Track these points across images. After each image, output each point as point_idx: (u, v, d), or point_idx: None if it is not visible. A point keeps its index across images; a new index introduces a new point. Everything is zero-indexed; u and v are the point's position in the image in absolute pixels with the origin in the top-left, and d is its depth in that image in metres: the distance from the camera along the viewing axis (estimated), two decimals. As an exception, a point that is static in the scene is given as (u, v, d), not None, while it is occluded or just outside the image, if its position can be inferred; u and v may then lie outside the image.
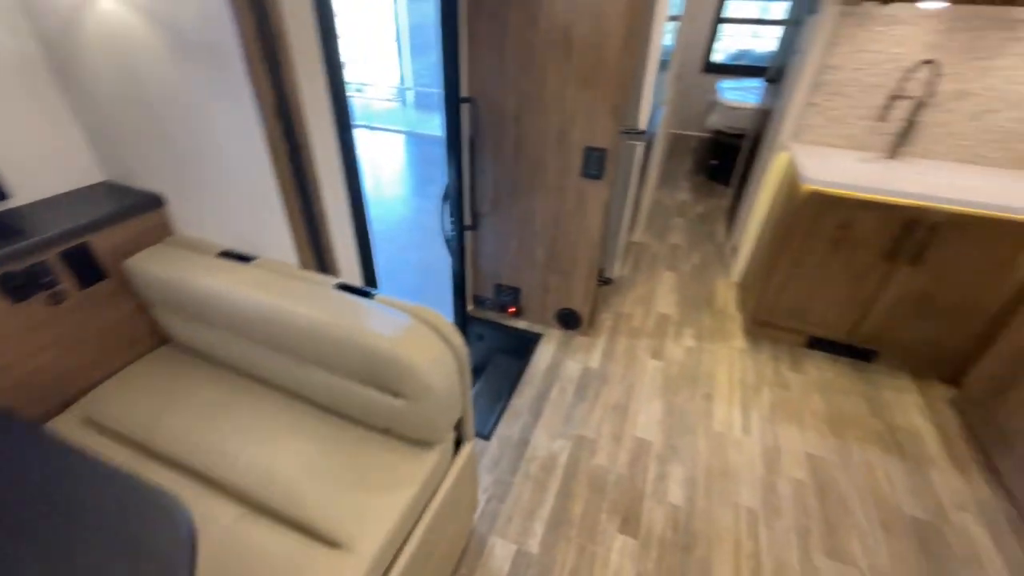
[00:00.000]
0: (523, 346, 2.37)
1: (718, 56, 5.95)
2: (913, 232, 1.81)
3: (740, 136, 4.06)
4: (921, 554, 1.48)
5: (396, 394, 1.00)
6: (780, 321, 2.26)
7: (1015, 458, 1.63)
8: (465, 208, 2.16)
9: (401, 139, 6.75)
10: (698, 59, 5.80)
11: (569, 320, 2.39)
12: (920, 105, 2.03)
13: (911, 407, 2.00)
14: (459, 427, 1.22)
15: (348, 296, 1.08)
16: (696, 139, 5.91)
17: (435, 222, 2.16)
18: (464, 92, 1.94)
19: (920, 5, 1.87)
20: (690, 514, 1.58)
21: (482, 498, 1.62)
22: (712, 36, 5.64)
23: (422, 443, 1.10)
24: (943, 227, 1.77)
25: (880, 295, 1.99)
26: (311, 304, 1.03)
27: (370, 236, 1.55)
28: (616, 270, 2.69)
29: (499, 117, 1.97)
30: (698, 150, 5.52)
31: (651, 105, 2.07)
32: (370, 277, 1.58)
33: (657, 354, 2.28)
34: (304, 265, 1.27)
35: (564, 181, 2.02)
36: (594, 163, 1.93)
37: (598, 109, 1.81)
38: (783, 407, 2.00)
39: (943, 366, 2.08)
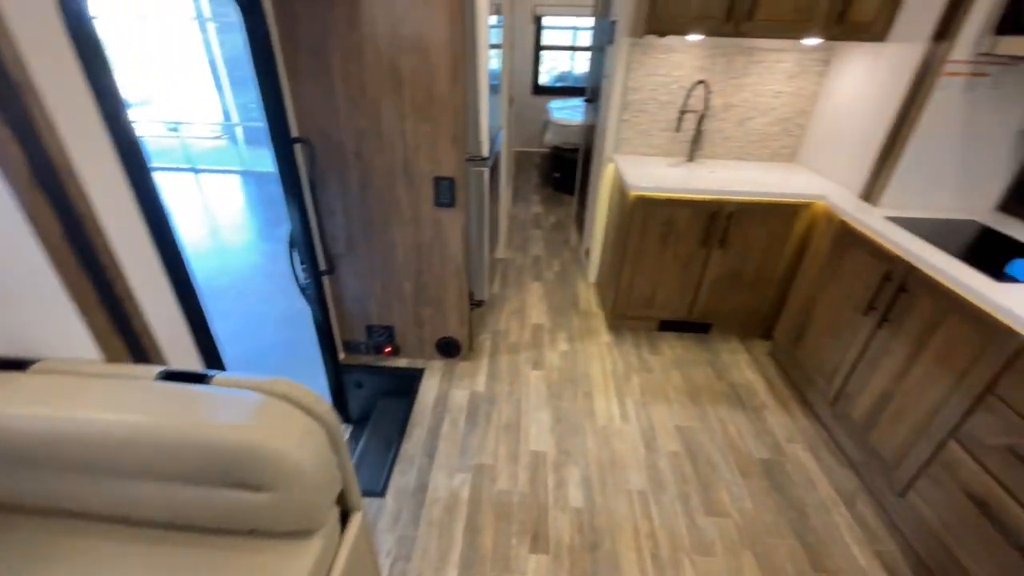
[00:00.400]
0: (406, 385, 2.27)
1: (545, 79, 6.54)
2: (716, 221, 2.18)
3: (575, 150, 4.49)
4: (772, 489, 1.76)
5: (257, 488, 0.86)
6: (634, 312, 2.53)
7: (816, 390, 2.05)
8: (318, 252, 2.01)
9: (237, 179, 6.06)
10: (528, 83, 6.30)
11: (449, 348, 2.36)
12: (702, 116, 2.46)
13: (743, 364, 2.39)
14: (343, 499, 1.10)
15: (177, 386, 0.90)
16: (539, 155, 6.38)
17: (290, 268, 1.97)
18: (296, 131, 1.81)
19: (687, 38, 2.28)
20: (591, 513, 1.65)
21: (385, 563, 1.49)
22: (536, 62, 6.18)
23: (299, 533, 0.96)
24: (736, 214, 2.17)
25: (704, 276, 2.35)
26: (124, 406, 0.84)
27: (202, 304, 1.33)
28: (486, 290, 2.74)
29: (339, 154, 1.88)
30: (541, 165, 5.96)
31: (490, 130, 2.17)
32: (210, 353, 1.36)
33: (538, 364, 2.38)
34: (113, 358, 1.04)
35: (419, 213, 2.00)
36: (445, 192, 1.94)
37: (439, 140, 1.83)
38: (651, 389, 2.23)
39: (759, 326, 2.53)
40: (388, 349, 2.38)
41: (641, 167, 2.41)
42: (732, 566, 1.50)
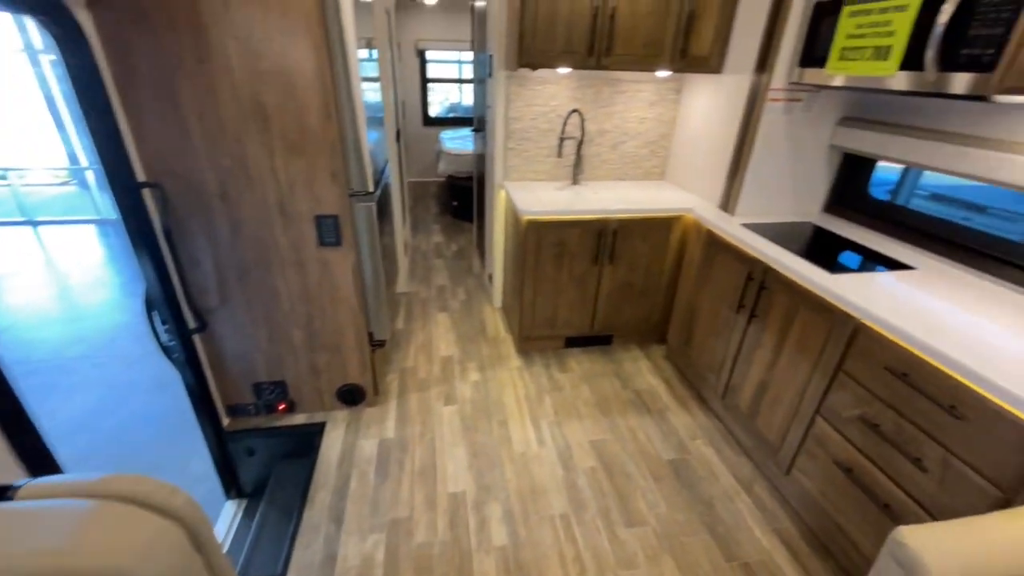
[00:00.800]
0: (306, 443, 2.05)
1: (438, 110, 6.60)
2: (603, 239, 2.31)
3: (470, 178, 4.55)
4: (682, 487, 1.85)
5: (88, 622, 0.68)
6: (540, 332, 2.57)
7: (708, 386, 2.22)
8: (183, 309, 1.76)
9: (92, 230, 5.24)
10: (418, 115, 6.31)
11: (352, 396, 2.19)
12: (580, 142, 2.62)
13: (644, 370, 2.53)
14: (220, 603, 0.93)
15: (-39, 511, 0.70)
16: (435, 184, 6.37)
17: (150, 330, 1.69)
18: (143, 175, 1.59)
19: (558, 71, 2.43)
20: (516, 548, 1.60)
21: (290, 660, 1.29)
22: (424, 94, 6.23)
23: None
24: (620, 231, 2.31)
25: (599, 291, 2.47)
26: None
27: (16, 394, 1.08)
28: (388, 328, 2.61)
29: (201, 197, 1.68)
30: (439, 194, 5.95)
31: (376, 164, 2.10)
32: (34, 453, 1.10)
33: (450, 399, 2.29)
34: None
35: (302, 254, 1.85)
36: (329, 230, 1.83)
37: (318, 176, 1.73)
38: (563, 407, 2.25)
39: (654, 331, 2.70)
40: (282, 406, 2.15)
41: (530, 192, 2.49)
42: (654, 574, 1.53)
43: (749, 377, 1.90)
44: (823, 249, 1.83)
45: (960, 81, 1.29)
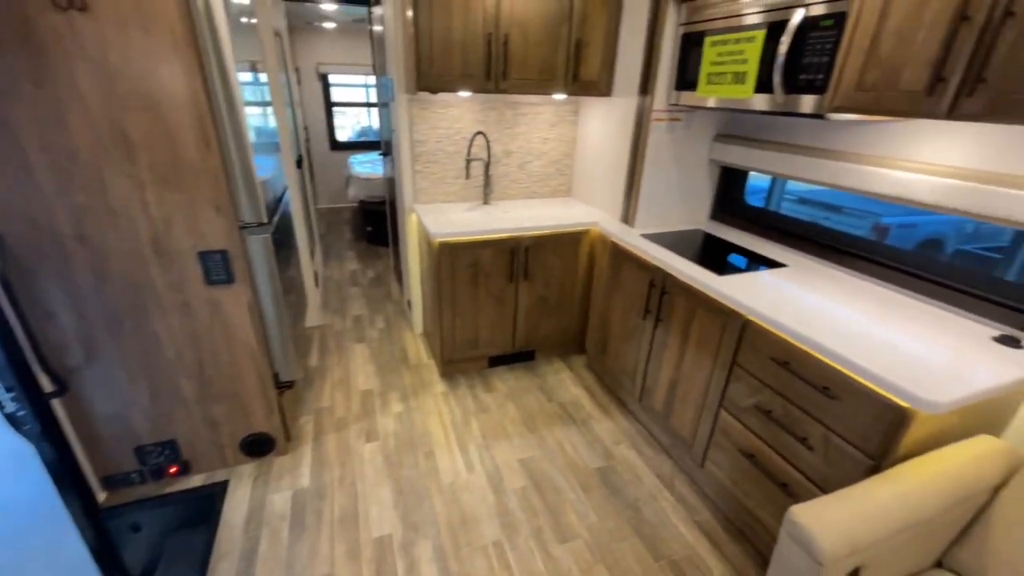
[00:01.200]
0: (206, 508, 1.82)
1: (344, 134, 6.39)
2: (516, 256, 2.34)
3: (383, 202, 4.44)
4: (610, 494, 1.88)
5: None
6: (463, 354, 2.53)
7: (626, 391, 2.31)
8: (36, 370, 1.49)
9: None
10: (325, 140, 6.07)
11: (259, 446, 1.99)
12: (487, 163, 2.66)
13: (567, 382, 2.58)
14: None
15: None
16: (348, 210, 6.14)
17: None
18: (-31, 218, 1.35)
19: (459, 94, 2.46)
20: (449, 585, 1.52)
21: None
22: (329, 118, 6.01)
23: None
24: (532, 248, 2.36)
25: (517, 308, 2.49)
26: None
27: None
28: (296, 367, 2.42)
29: (51, 240, 1.45)
30: (353, 220, 5.73)
31: (271, 192, 1.96)
32: None
33: (371, 435, 2.17)
34: None
35: (186, 295, 1.66)
36: (217, 267, 1.66)
37: (199, 209, 1.57)
38: (490, 429, 2.22)
39: (573, 343, 2.77)
40: (173, 469, 1.89)
41: (441, 214, 2.47)
42: (589, 586, 1.53)
43: (660, 378, 2.01)
44: (712, 253, 2.00)
45: (802, 102, 1.48)
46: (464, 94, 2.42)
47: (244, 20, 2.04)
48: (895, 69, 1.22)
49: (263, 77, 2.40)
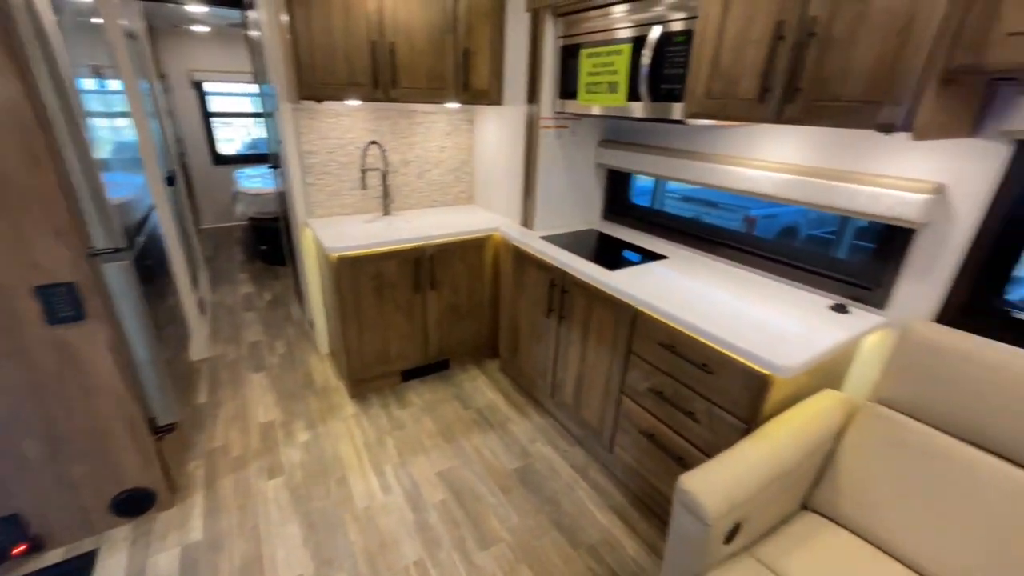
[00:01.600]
0: (67, 586, 1.55)
1: (232, 147, 5.86)
2: (421, 266, 2.31)
3: (276, 219, 4.13)
4: (529, 492, 1.92)
5: None
6: (373, 371, 2.43)
7: (539, 389, 2.37)
8: None
9: None
10: (205, 153, 5.53)
11: (135, 504, 1.74)
12: (385, 173, 2.60)
13: (483, 387, 2.59)
14: None
15: None
16: (239, 229, 5.64)
17: None
18: None
19: (348, 103, 2.38)
20: (368, 616, 1.45)
21: None
22: (208, 130, 5.49)
23: None
24: (436, 256, 2.34)
25: (427, 318, 2.45)
26: None
27: None
28: (177, 407, 2.17)
29: None
30: (244, 239, 5.28)
31: (131, 212, 1.74)
32: None
33: (274, 471, 2.00)
34: None
35: (22, 339, 1.41)
36: (63, 303, 1.43)
37: (32, 237, 1.34)
38: (407, 445, 2.15)
39: (487, 347, 2.79)
40: (20, 548, 1.59)
41: (339, 227, 2.36)
42: (513, 588, 1.54)
43: (569, 373, 2.09)
44: (604, 251, 2.13)
45: (666, 109, 1.63)
46: (353, 103, 2.34)
47: (84, 20, 1.79)
48: (734, 80, 1.40)
49: (114, 84, 2.13)
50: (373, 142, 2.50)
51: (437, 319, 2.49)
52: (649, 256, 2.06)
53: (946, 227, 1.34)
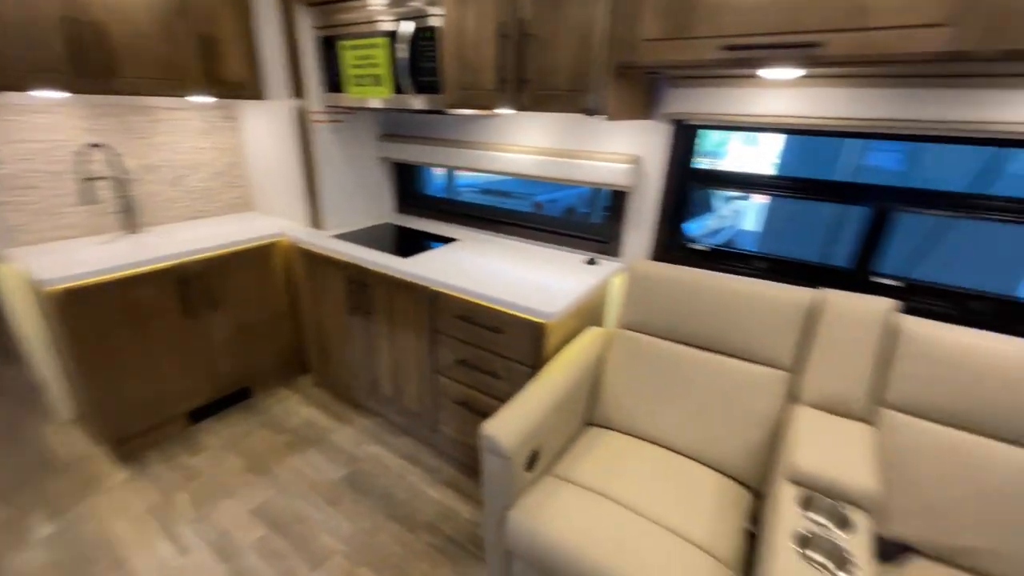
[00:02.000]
0: None
1: None
2: (188, 286, 1.99)
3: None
4: (361, 496, 1.85)
5: None
6: (145, 423, 2.00)
7: (358, 391, 2.30)
8: None
9: None
10: None
11: None
12: (121, 182, 2.14)
13: (295, 407, 2.38)
14: None
15: None
16: None
17: None
18: None
19: (45, 96, 1.87)
20: None
21: None
22: None
23: None
24: (208, 272, 2.04)
25: (211, 344, 2.13)
26: None
27: None
28: None
29: None
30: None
31: None
32: None
33: (2, 583, 1.49)
34: None
35: None
36: None
37: None
38: (205, 495, 1.85)
39: (295, 364, 2.56)
40: None
41: (59, 255, 1.85)
42: (353, 594, 1.49)
43: (383, 367, 2.08)
44: (399, 241, 2.17)
45: (428, 100, 1.74)
46: (53, 95, 1.87)
47: None
48: (478, 72, 1.58)
49: None
50: (95, 145, 2.02)
51: (226, 342, 2.18)
52: (441, 240, 2.17)
53: (645, 188, 1.77)
